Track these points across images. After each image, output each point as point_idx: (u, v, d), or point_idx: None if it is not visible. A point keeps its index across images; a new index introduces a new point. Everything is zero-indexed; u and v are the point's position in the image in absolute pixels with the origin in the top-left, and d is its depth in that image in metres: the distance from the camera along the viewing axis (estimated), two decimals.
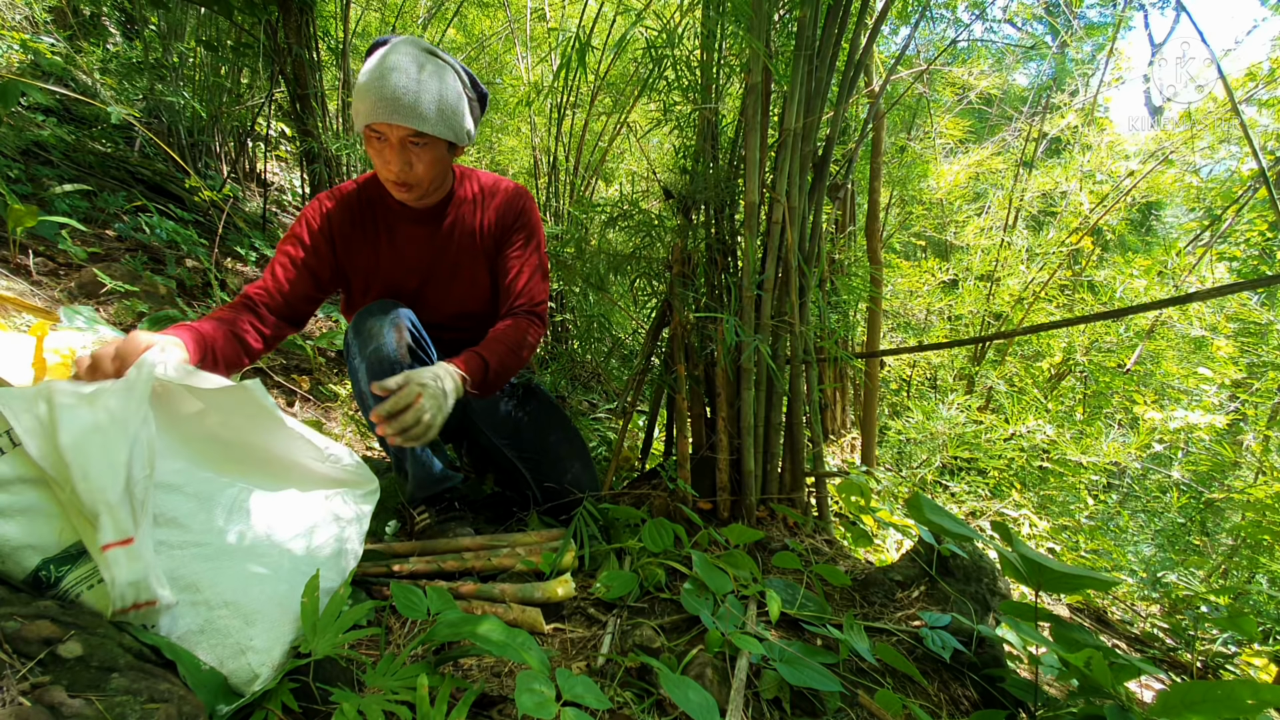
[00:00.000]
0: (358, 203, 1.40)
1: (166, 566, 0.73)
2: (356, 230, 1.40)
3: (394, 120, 1.18)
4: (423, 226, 1.41)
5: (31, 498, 0.70)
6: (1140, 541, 2.78)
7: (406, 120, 1.18)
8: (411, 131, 1.21)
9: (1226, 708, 0.74)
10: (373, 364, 1.33)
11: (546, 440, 1.55)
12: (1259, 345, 3.32)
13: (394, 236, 1.41)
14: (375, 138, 1.23)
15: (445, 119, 1.23)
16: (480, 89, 1.36)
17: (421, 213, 1.40)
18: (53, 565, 0.69)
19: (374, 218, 1.41)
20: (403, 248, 1.41)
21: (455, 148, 1.33)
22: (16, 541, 0.68)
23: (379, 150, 1.24)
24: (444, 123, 1.23)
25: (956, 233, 4.16)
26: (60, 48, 2.91)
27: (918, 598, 1.22)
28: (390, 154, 1.23)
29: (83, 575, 0.70)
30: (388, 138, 1.22)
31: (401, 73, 1.18)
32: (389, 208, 1.40)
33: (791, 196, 1.45)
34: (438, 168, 1.29)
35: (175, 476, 0.77)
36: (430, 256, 1.42)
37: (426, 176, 1.28)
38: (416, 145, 1.24)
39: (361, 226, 1.40)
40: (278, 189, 4.03)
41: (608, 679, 0.93)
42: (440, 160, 1.29)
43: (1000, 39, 4.65)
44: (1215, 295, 1.42)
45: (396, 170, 1.25)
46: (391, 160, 1.24)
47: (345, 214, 1.39)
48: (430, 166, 1.27)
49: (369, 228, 1.40)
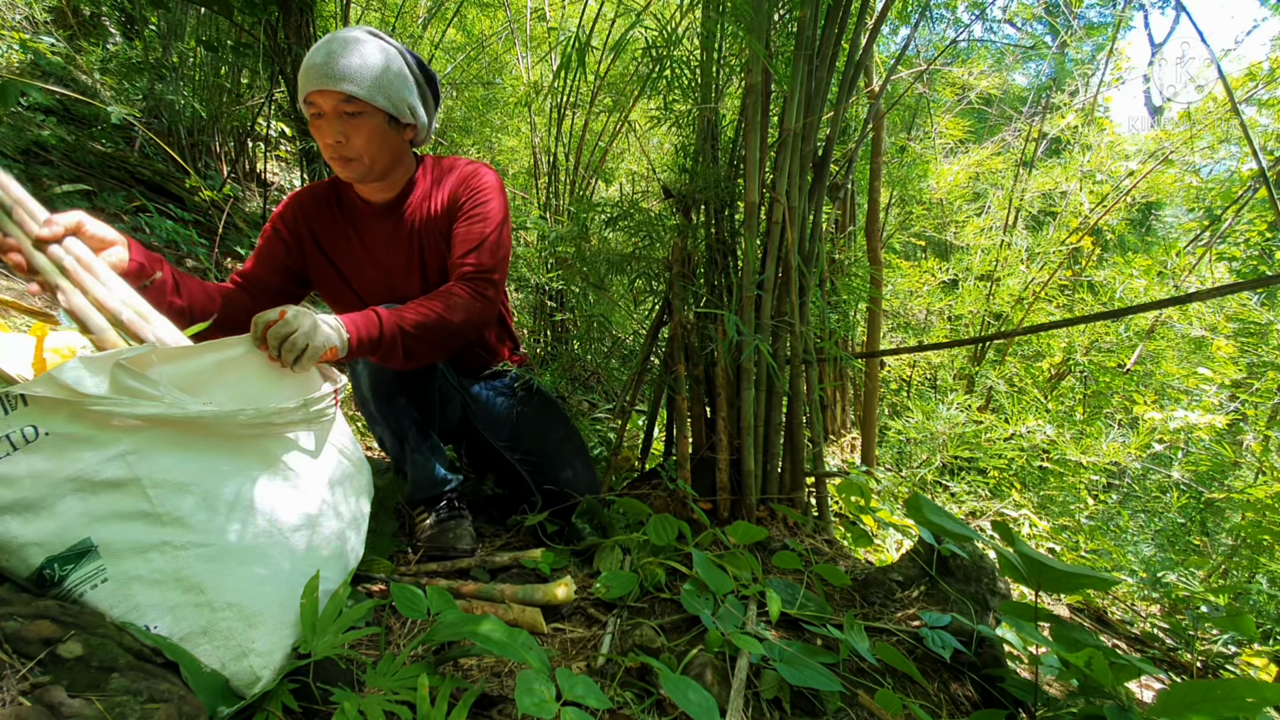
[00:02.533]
0: (327, 199, 1.39)
1: (171, 567, 0.73)
2: (328, 225, 1.39)
3: (324, 85, 1.14)
4: (386, 221, 1.37)
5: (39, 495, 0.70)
6: (1140, 541, 2.78)
7: (336, 84, 1.14)
8: (342, 97, 1.16)
9: (1226, 707, 0.74)
10: (373, 369, 1.33)
11: (545, 441, 1.55)
12: (1259, 345, 3.32)
13: (362, 234, 1.39)
14: (314, 115, 1.20)
15: (380, 87, 1.18)
16: (428, 71, 1.31)
17: (383, 208, 1.37)
18: (57, 564, 0.69)
19: (343, 215, 1.39)
20: (371, 245, 1.39)
21: (399, 124, 1.26)
22: (22, 539, 0.68)
23: (318, 128, 1.20)
24: (379, 90, 1.18)
25: (956, 233, 4.16)
26: (60, 48, 2.91)
27: (918, 598, 1.22)
28: (325, 126, 1.19)
29: (86, 575, 0.70)
30: (323, 110, 1.18)
31: (335, 42, 1.16)
32: (355, 205, 1.38)
33: (791, 196, 1.45)
34: (377, 143, 1.23)
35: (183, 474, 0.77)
36: (395, 252, 1.38)
37: (366, 151, 1.22)
38: (351, 116, 1.19)
39: (333, 222, 1.39)
40: (278, 189, 4.03)
41: (608, 679, 0.93)
42: (380, 134, 1.22)
43: (1000, 39, 4.65)
44: (1215, 295, 1.43)
45: (331, 145, 1.20)
46: (326, 132, 1.19)
47: (316, 209, 1.39)
48: (369, 140, 1.21)
49: (340, 224, 1.39)
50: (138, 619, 0.71)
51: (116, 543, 0.72)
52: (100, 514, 0.72)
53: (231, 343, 0.89)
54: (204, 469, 0.79)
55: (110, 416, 0.73)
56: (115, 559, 0.71)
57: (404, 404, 1.36)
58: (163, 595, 0.73)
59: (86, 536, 0.71)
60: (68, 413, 0.71)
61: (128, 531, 0.73)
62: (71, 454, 0.71)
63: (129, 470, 0.73)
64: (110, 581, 0.71)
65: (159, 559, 0.73)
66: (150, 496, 0.74)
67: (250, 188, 3.64)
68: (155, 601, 0.72)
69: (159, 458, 0.75)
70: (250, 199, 3.48)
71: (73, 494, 0.71)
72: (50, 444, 0.71)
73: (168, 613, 0.72)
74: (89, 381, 0.72)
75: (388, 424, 1.37)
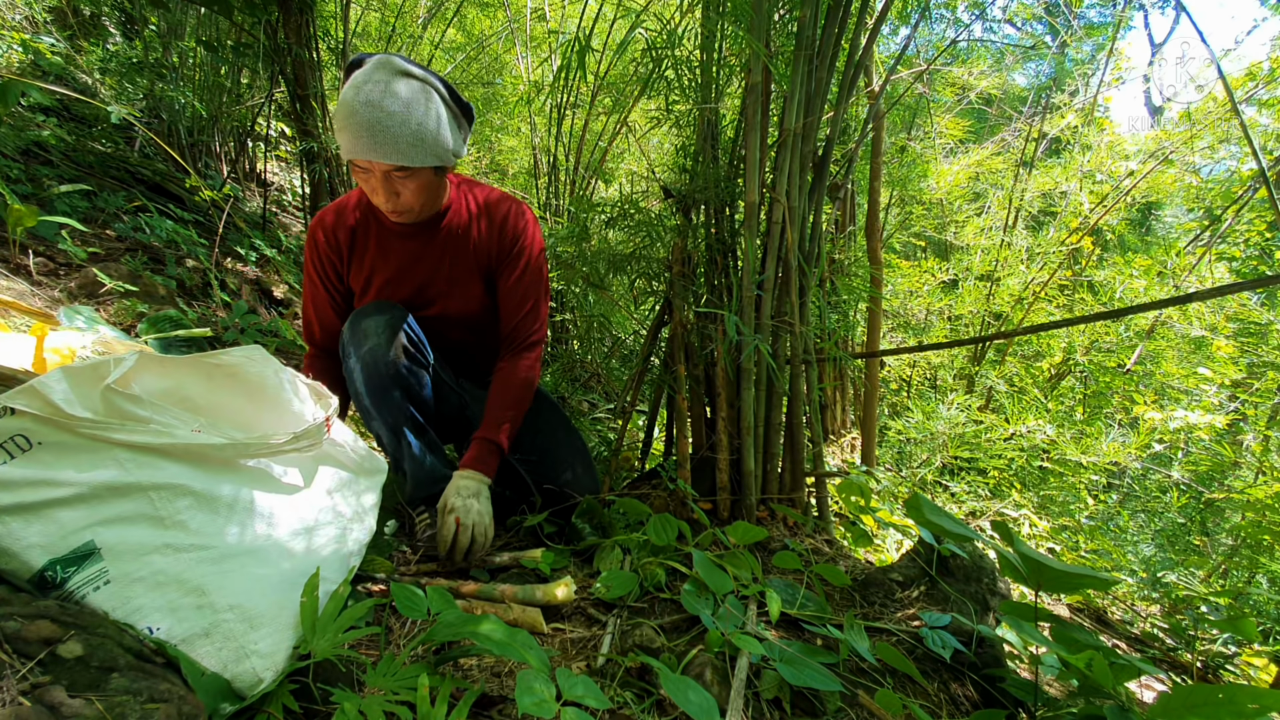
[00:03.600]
0: (353, 217, 1.43)
1: (174, 570, 0.73)
2: (356, 243, 1.43)
3: (374, 157, 1.17)
4: (414, 241, 1.42)
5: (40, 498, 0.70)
6: (1140, 541, 2.78)
7: (386, 157, 1.17)
8: (393, 166, 1.20)
9: (1227, 712, 0.74)
10: (368, 364, 1.33)
11: (544, 442, 1.55)
12: (1259, 345, 3.32)
13: (386, 252, 1.43)
14: (359, 170, 1.23)
15: (426, 147, 1.21)
16: (462, 102, 1.33)
17: (413, 227, 1.40)
18: (59, 566, 0.69)
19: (369, 232, 1.43)
20: (395, 262, 1.43)
21: (443, 169, 1.31)
22: (25, 541, 0.68)
23: (364, 180, 1.25)
24: (425, 151, 1.21)
25: (956, 233, 4.16)
26: (60, 47, 2.91)
27: (918, 598, 1.22)
28: (375, 185, 1.24)
29: (89, 577, 0.70)
30: (371, 171, 1.22)
31: (376, 106, 1.15)
32: (381, 224, 1.41)
33: (791, 196, 1.45)
34: (426, 193, 1.29)
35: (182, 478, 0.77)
36: (423, 269, 1.43)
37: (416, 202, 1.28)
38: (400, 176, 1.23)
39: (360, 240, 1.43)
40: (278, 189, 4.03)
41: (608, 679, 0.93)
42: (428, 185, 1.28)
43: (1000, 39, 4.65)
44: (1215, 295, 1.43)
45: (383, 201, 1.26)
46: (377, 191, 1.24)
47: (344, 230, 1.42)
48: (418, 193, 1.27)
49: (366, 241, 1.43)
50: (139, 621, 0.71)
51: (119, 545, 0.72)
52: (103, 517, 0.72)
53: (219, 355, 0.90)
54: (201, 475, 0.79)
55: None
56: (118, 561, 0.71)
57: (399, 398, 1.36)
58: (165, 597, 0.72)
59: (89, 540, 0.70)
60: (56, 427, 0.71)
61: (131, 534, 0.72)
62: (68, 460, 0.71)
63: (128, 475, 0.73)
64: (113, 584, 0.71)
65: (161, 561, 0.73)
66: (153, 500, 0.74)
67: (250, 188, 3.64)
68: (157, 604, 0.72)
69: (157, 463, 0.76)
70: (250, 199, 3.48)
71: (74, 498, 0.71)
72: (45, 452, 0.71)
73: (170, 615, 0.72)
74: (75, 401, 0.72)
75: (383, 419, 1.37)
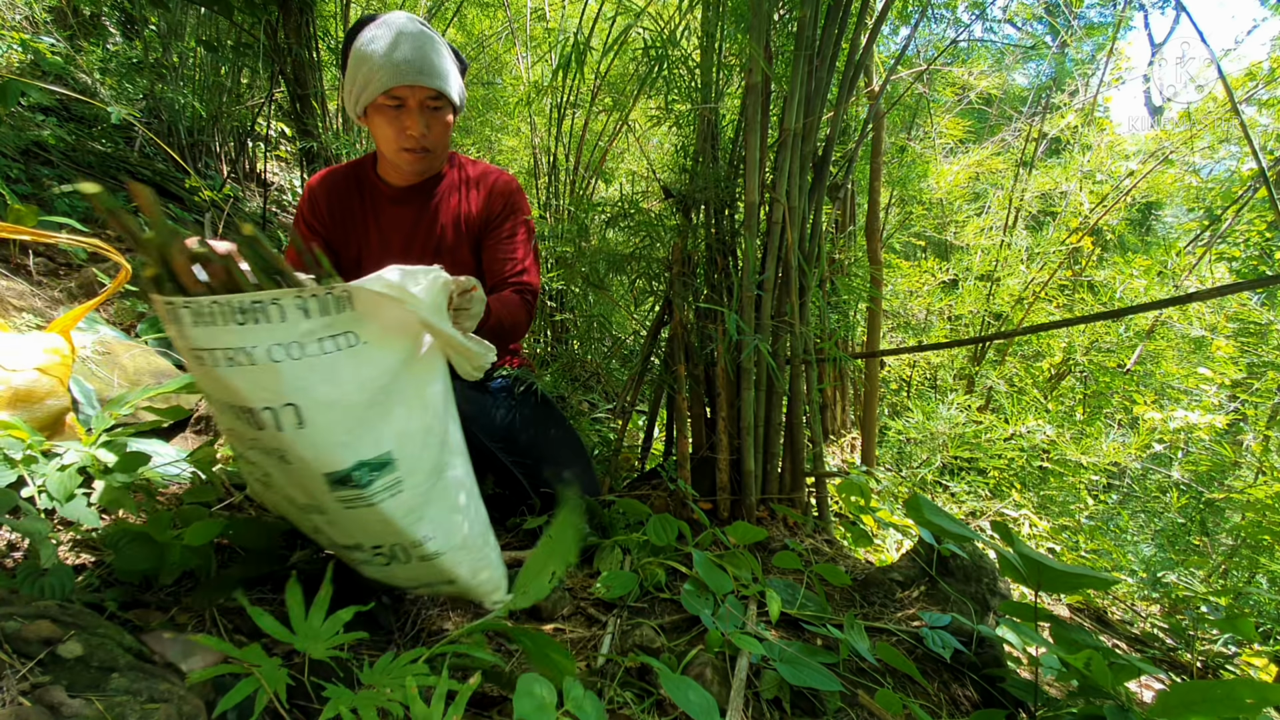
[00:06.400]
0: (345, 182, 1.43)
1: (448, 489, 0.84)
2: (345, 208, 1.43)
3: (418, 81, 1.20)
4: (407, 207, 1.42)
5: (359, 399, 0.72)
6: (1140, 541, 2.78)
7: (430, 81, 1.21)
8: (433, 93, 1.24)
9: (1226, 707, 0.74)
10: None
11: (542, 443, 1.54)
12: (1259, 345, 3.32)
13: (379, 218, 1.43)
14: (391, 106, 1.24)
15: (455, 83, 1.28)
16: (462, 60, 1.39)
17: (406, 193, 1.41)
18: (367, 468, 0.72)
19: (361, 198, 1.43)
20: (387, 229, 1.43)
21: (457, 113, 1.36)
22: (335, 439, 0.70)
23: (394, 118, 1.26)
24: (455, 84, 1.28)
25: (956, 233, 4.16)
26: (60, 48, 2.90)
27: (918, 598, 1.22)
28: (410, 119, 1.26)
29: (388, 484, 0.74)
30: (407, 103, 1.24)
31: (413, 39, 1.21)
32: (375, 189, 1.42)
33: (791, 196, 1.45)
34: (446, 133, 1.32)
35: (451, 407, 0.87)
36: (414, 237, 1.43)
37: (442, 141, 1.32)
38: (434, 110, 1.27)
39: (350, 205, 1.43)
40: (278, 189, 4.03)
41: (608, 679, 0.93)
42: (449, 126, 1.32)
43: (1000, 39, 4.65)
44: (1215, 295, 1.42)
45: (419, 133, 1.27)
46: (413, 124, 1.26)
47: (334, 193, 1.42)
48: (444, 131, 1.31)
49: (356, 207, 1.43)
50: (418, 531, 0.78)
51: (415, 459, 0.77)
52: (407, 430, 0.77)
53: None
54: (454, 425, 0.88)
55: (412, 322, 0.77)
56: (411, 474, 0.76)
57: None
58: (439, 512, 0.81)
59: (389, 449, 0.74)
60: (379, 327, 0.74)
61: (426, 453, 0.79)
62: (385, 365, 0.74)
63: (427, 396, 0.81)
64: (405, 493, 0.76)
65: (440, 483, 0.82)
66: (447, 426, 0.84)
67: (250, 188, 3.64)
68: (434, 516, 0.80)
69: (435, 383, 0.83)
70: (250, 199, 3.48)
71: (385, 403, 0.74)
72: (367, 353, 0.73)
73: (440, 527, 0.80)
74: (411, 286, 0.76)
75: None
